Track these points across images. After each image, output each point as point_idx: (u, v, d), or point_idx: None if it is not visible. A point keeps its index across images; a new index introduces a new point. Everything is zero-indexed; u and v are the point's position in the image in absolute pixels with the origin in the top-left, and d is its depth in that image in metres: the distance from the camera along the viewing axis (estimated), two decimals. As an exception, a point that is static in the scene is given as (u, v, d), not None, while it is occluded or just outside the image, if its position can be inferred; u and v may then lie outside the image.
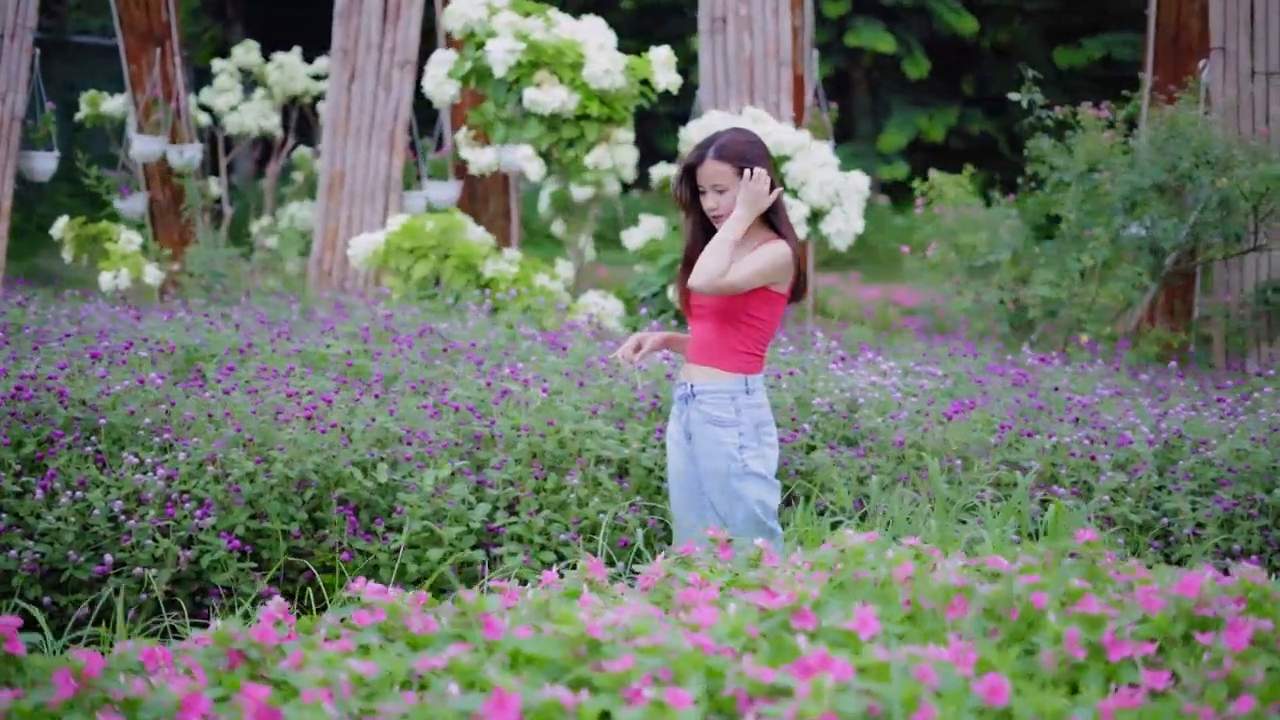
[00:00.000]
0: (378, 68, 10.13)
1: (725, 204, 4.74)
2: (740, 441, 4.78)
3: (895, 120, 22.70)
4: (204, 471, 5.40)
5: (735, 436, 4.78)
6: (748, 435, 4.79)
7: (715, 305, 4.77)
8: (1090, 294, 8.32)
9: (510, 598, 3.98)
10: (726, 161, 4.72)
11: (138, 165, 12.16)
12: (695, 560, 4.25)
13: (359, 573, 5.41)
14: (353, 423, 5.67)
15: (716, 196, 4.74)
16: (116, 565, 5.21)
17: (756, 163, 4.74)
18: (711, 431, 4.79)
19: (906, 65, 22.32)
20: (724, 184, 4.73)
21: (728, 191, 4.73)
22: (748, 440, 4.79)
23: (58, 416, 5.58)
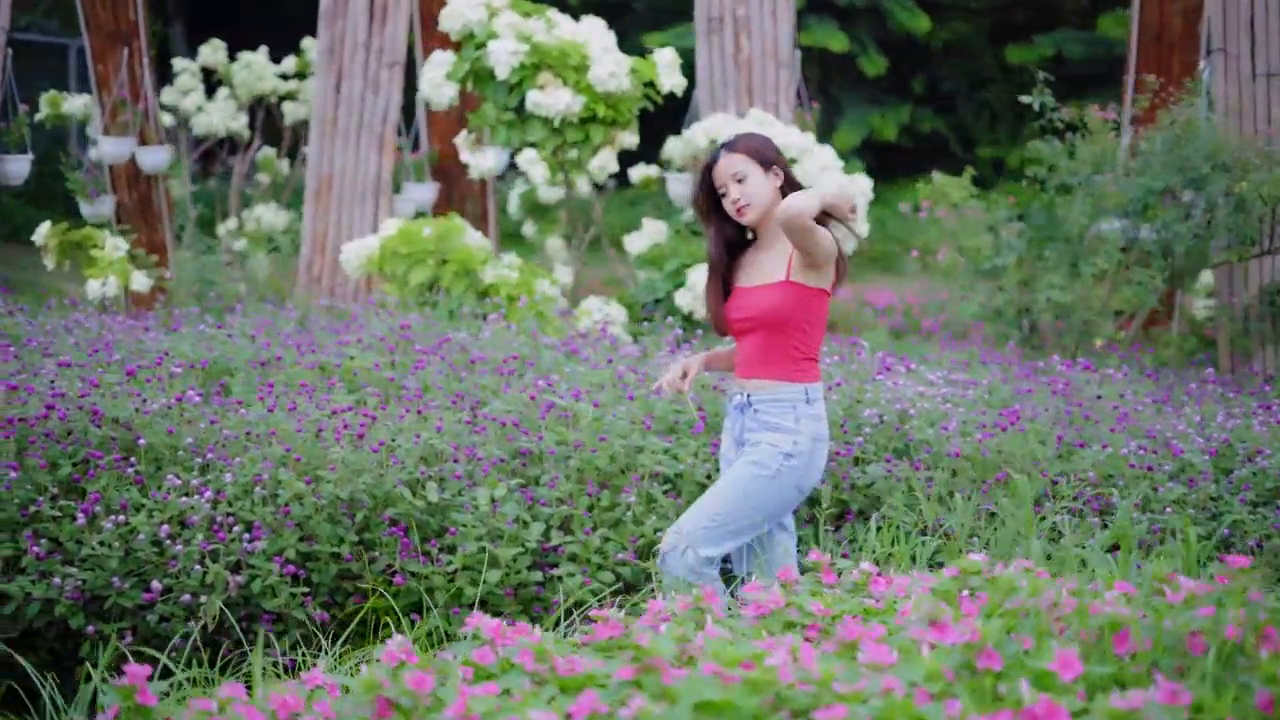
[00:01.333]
0: (365, 69, 9.91)
1: (749, 192, 4.65)
2: (792, 450, 4.62)
3: (848, 119, 22.67)
4: (250, 493, 5.20)
5: (790, 444, 4.62)
6: (803, 446, 4.63)
7: (759, 317, 4.65)
8: (1102, 298, 8.27)
9: (613, 628, 3.83)
10: (740, 153, 4.68)
11: (103, 167, 11.86)
12: (795, 587, 4.12)
13: (413, 596, 5.24)
14: (398, 440, 5.49)
15: (738, 187, 4.65)
16: (163, 592, 5.00)
17: (771, 158, 4.70)
18: (766, 436, 4.64)
19: (862, 63, 22.30)
20: (743, 172, 4.66)
21: (749, 178, 4.65)
22: (800, 451, 4.62)
23: (93, 436, 5.36)
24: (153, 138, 11.92)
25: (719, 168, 4.70)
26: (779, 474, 4.62)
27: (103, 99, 11.82)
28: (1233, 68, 9.13)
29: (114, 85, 11.79)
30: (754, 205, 4.67)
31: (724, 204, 4.71)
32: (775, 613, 3.74)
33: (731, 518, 4.62)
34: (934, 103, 23.77)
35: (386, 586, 5.26)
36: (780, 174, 4.73)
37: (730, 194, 4.68)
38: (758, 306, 4.65)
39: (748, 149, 4.71)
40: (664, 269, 8.90)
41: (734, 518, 4.62)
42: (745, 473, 4.63)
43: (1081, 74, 22.42)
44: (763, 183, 4.68)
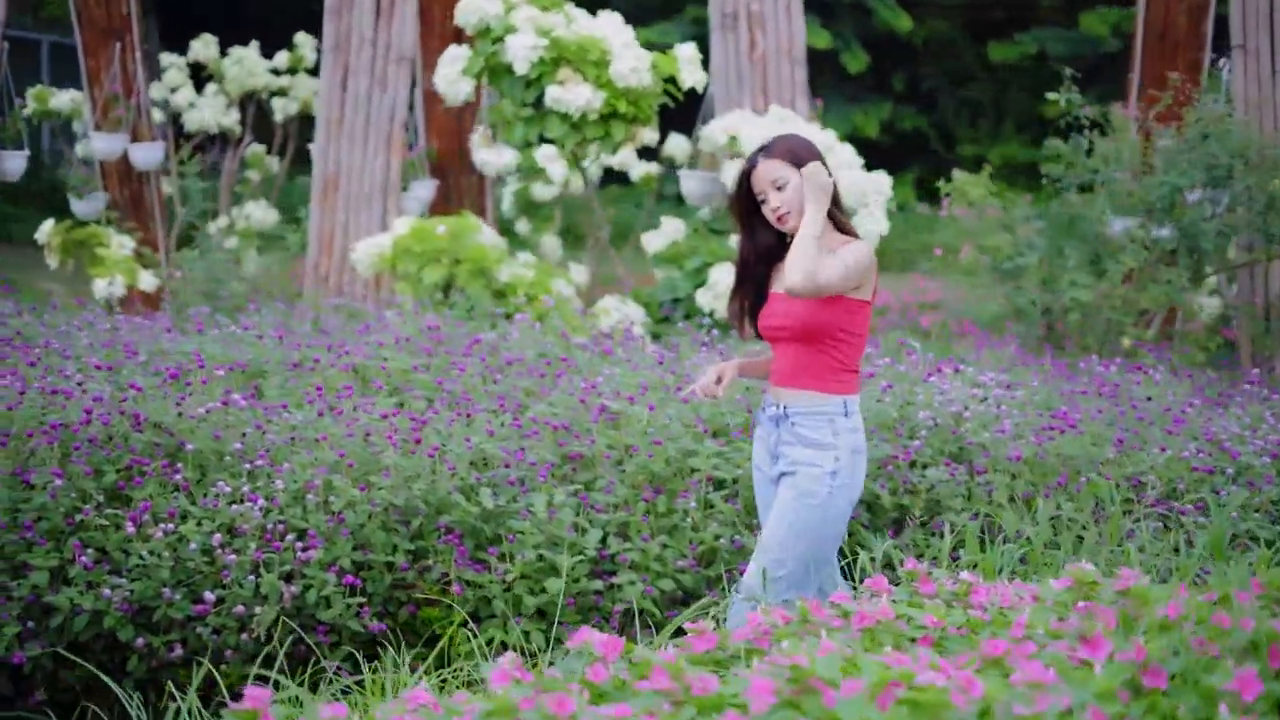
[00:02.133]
0: (371, 65, 9.73)
1: (789, 199, 4.45)
2: (834, 467, 4.42)
3: (831, 116, 22.58)
4: (301, 500, 5.04)
5: (831, 461, 4.42)
6: (844, 461, 4.43)
7: (797, 327, 4.45)
8: (1130, 297, 8.18)
9: (708, 641, 3.71)
10: (778, 158, 4.48)
11: (94, 164, 11.66)
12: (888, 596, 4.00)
13: (469, 606, 5.09)
14: (449, 445, 5.34)
15: (778, 194, 4.46)
16: (215, 603, 4.84)
17: (806, 156, 4.48)
18: (803, 453, 4.44)
19: (845, 59, 22.24)
20: (783, 178, 4.45)
21: (788, 186, 4.45)
22: (842, 467, 4.43)
23: (136, 442, 5.20)
24: (145, 134, 11.73)
25: (758, 173, 4.51)
26: (830, 497, 4.43)
27: (94, 94, 11.62)
28: (1252, 65, 9.06)
29: (105, 81, 11.59)
30: (795, 212, 4.47)
31: (763, 210, 4.53)
32: (883, 625, 3.62)
33: (796, 558, 4.43)
34: (915, 100, 23.73)
35: (441, 596, 5.12)
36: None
37: (770, 201, 4.49)
38: (795, 316, 4.46)
39: (786, 153, 4.50)
40: (685, 267, 8.76)
41: (799, 557, 4.44)
42: (794, 507, 4.43)
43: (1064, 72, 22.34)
44: (800, 187, 4.47)
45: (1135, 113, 11.31)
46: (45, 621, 4.83)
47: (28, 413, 5.21)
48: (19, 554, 4.88)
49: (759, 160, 4.52)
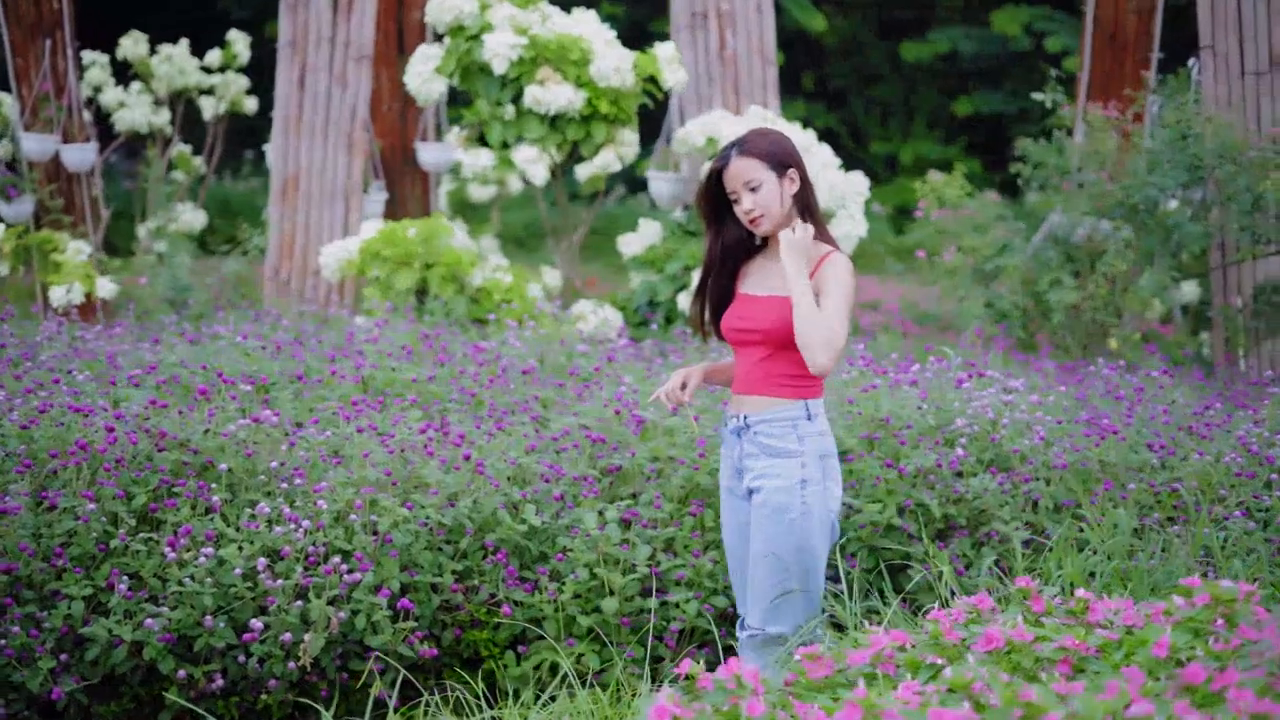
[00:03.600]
0: (330, 63, 9.45)
1: (764, 201, 4.22)
2: (803, 475, 4.23)
3: (746, 115, 22.52)
4: (343, 521, 4.82)
5: (798, 469, 4.23)
6: (811, 468, 4.23)
7: (768, 331, 4.24)
8: (1114, 298, 8.16)
9: (824, 666, 3.57)
10: (754, 157, 4.25)
11: (21, 165, 11.23)
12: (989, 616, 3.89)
13: (515, 627, 4.90)
14: (488, 459, 5.14)
15: (751, 195, 4.23)
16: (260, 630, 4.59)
17: (786, 160, 4.27)
18: (769, 464, 4.24)
19: (762, 59, 22.13)
20: (757, 179, 4.22)
21: (763, 187, 4.22)
22: (811, 475, 4.24)
23: (164, 461, 4.93)
24: (77, 134, 11.32)
25: (730, 171, 4.27)
26: (806, 508, 4.23)
27: (22, 94, 11.19)
28: (1221, 66, 9.08)
29: (35, 79, 11.17)
30: (768, 216, 4.25)
31: (735, 209, 4.30)
32: (1019, 647, 3.50)
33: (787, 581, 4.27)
34: (825, 99, 23.77)
35: (488, 617, 4.92)
36: (796, 177, 4.31)
37: (743, 203, 4.26)
38: (767, 320, 4.25)
39: (761, 151, 4.26)
40: (664, 270, 8.59)
41: (799, 580, 4.28)
42: (772, 533, 4.24)
43: (975, 70, 22.61)
44: (777, 189, 4.26)
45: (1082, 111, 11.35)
46: (78, 653, 4.57)
47: (48, 432, 4.93)
48: (48, 582, 4.62)
49: (732, 157, 4.28)
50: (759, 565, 4.30)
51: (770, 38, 9.39)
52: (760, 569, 4.30)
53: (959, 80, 23.03)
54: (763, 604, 4.33)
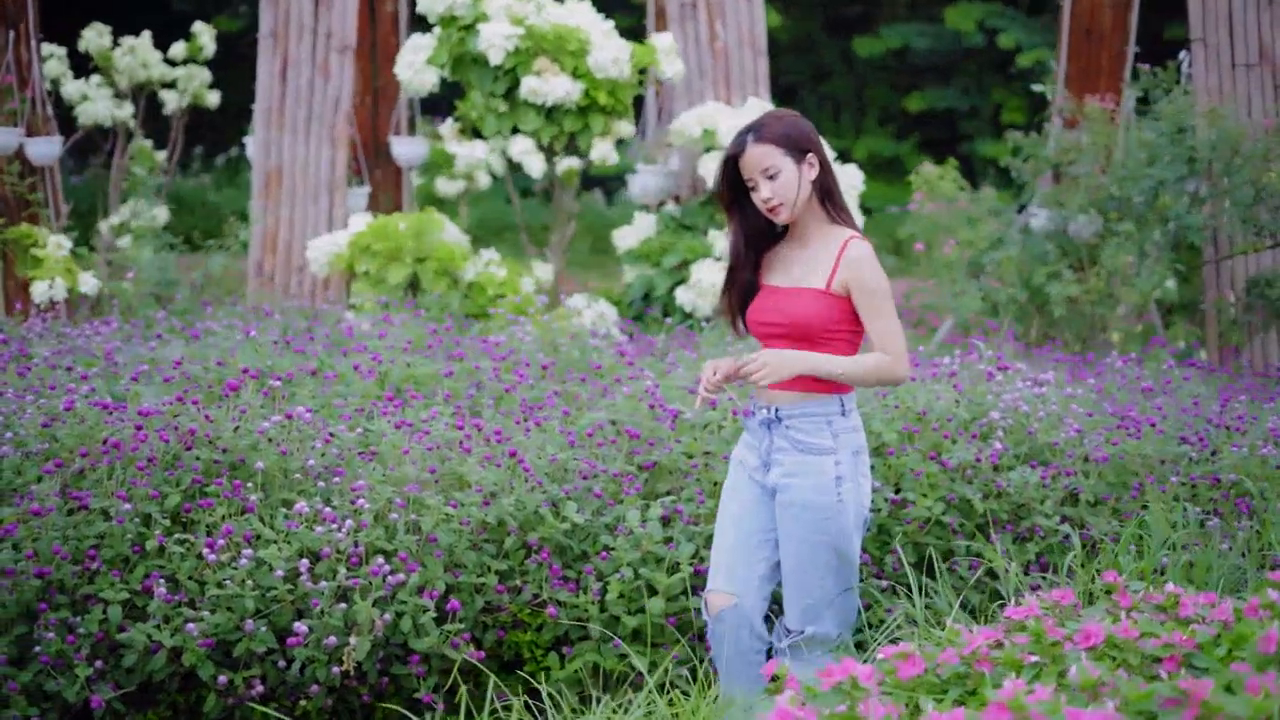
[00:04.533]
0: (313, 54, 9.26)
1: (782, 189, 4.07)
2: (837, 473, 4.13)
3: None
4: (383, 519, 4.67)
5: (832, 466, 4.12)
6: (846, 465, 4.14)
7: (792, 324, 4.12)
8: (1114, 292, 8.12)
9: (915, 665, 3.48)
10: (771, 143, 4.08)
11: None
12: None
13: (561, 628, 4.77)
14: (526, 456, 5.01)
15: (769, 183, 4.08)
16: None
17: (804, 144, 4.11)
18: (804, 461, 4.14)
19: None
20: (775, 166, 4.06)
21: (781, 174, 4.06)
22: (845, 471, 4.14)
23: (196, 460, 4.77)
24: (41, 128, 11.05)
25: (747, 159, 4.11)
26: (840, 506, 4.13)
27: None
28: (1213, 58, 9.09)
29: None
30: (788, 204, 4.11)
31: (753, 198, 4.16)
32: (1122, 644, 3.41)
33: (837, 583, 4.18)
34: (778, 95, 23.68)
35: (531, 618, 4.79)
36: (815, 162, 4.14)
37: (761, 191, 4.11)
38: (790, 312, 4.14)
39: (777, 136, 4.09)
40: (661, 264, 8.46)
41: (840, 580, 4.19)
42: (805, 533, 4.14)
43: (929, 65, 22.64)
44: (796, 176, 4.09)
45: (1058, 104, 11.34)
46: (113, 660, 4.40)
47: (74, 431, 4.75)
48: (81, 587, 4.44)
49: (748, 144, 4.11)
50: (797, 567, 4.19)
51: (761, 29, 9.29)
52: (798, 570, 4.20)
53: (910, 76, 23.07)
54: (802, 605, 4.23)
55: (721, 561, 4.30)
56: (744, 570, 4.26)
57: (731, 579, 4.26)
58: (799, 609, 4.25)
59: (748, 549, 4.26)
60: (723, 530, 4.32)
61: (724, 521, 4.33)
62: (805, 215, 4.18)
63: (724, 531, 4.32)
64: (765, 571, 4.27)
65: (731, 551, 4.28)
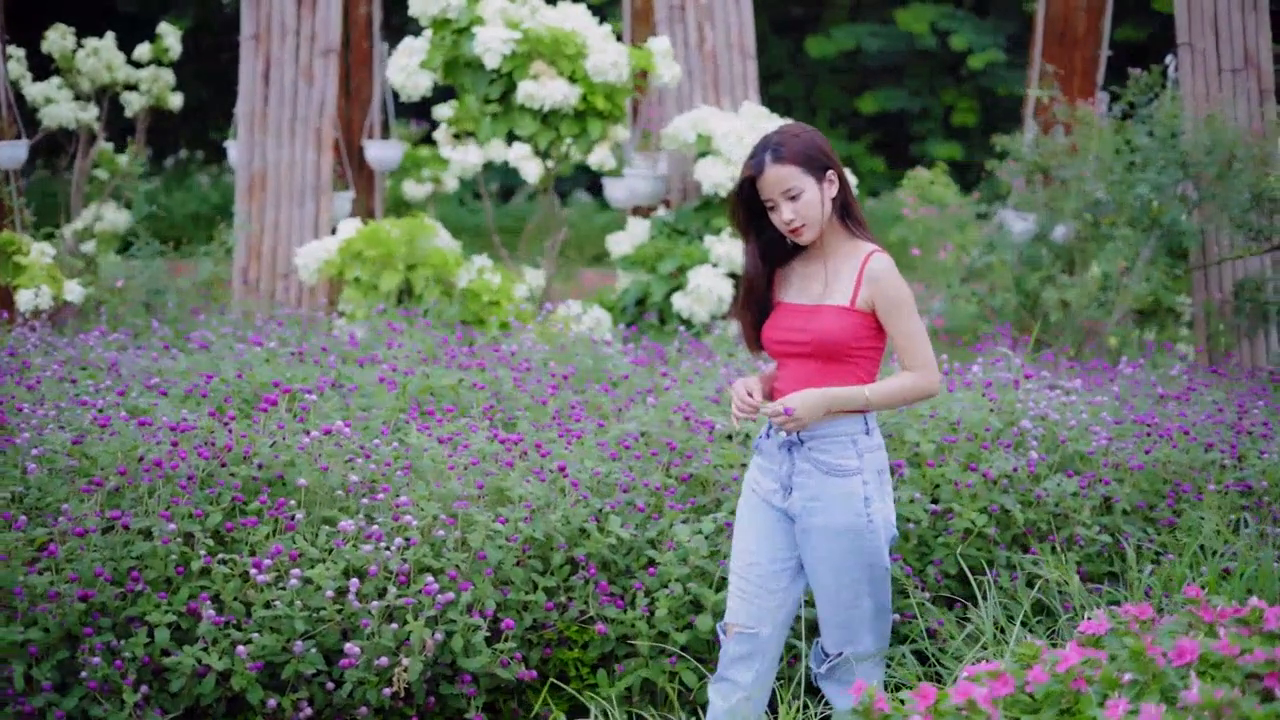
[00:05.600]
0: (296, 56, 9.11)
1: (804, 210, 3.96)
2: (865, 493, 4.02)
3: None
4: (429, 536, 4.57)
5: (860, 486, 4.02)
6: (872, 485, 4.04)
7: (815, 342, 4.01)
8: (1110, 296, 8.12)
9: (1005, 684, 3.43)
10: (791, 163, 3.96)
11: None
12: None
13: (608, 645, 4.69)
14: (568, 469, 4.92)
15: (790, 204, 3.97)
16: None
17: (820, 158, 4.01)
18: (830, 484, 4.02)
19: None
20: (797, 187, 3.95)
21: (803, 195, 3.95)
22: (872, 491, 4.04)
23: (234, 477, 4.65)
24: (8, 131, 10.84)
25: (765, 180, 3.99)
26: (871, 527, 4.03)
27: (-56, 88, 10.70)
28: (1199, 63, 9.11)
29: (-39, 74, 10.68)
30: (811, 225, 4.00)
31: (772, 217, 4.05)
32: (1220, 661, 3.38)
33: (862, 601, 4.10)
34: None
35: (578, 635, 4.71)
36: (835, 179, 4.04)
37: (783, 213, 4.00)
38: (813, 330, 4.02)
39: (797, 155, 3.98)
40: (657, 270, 8.38)
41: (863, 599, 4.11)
42: (838, 553, 4.04)
43: (880, 66, 22.68)
44: (818, 195, 3.99)
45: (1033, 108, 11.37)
46: (156, 684, 4.28)
47: (110, 447, 4.62)
48: (124, 609, 4.32)
49: (767, 164, 3.99)
50: (833, 592, 4.10)
51: (750, 32, 9.23)
52: (834, 595, 4.11)
53: (862, 77, 23.10)
54: (839, 628, 4.16)
55: (740, 590, 4.19)
56: (763, 599, 4.15)
57: (751, 609, 4.16)
58: (836, 632, 4.18)
59: (766, 577, 4.15)
60: (739, 558, 4.20)
61: (738, 548, 4.21)
62: (824, 231, 4.08)
63: (739, 557, 4.20)
64: (785, 600, 4.17)
65: (749, 580, 4.17)
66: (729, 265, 8.26)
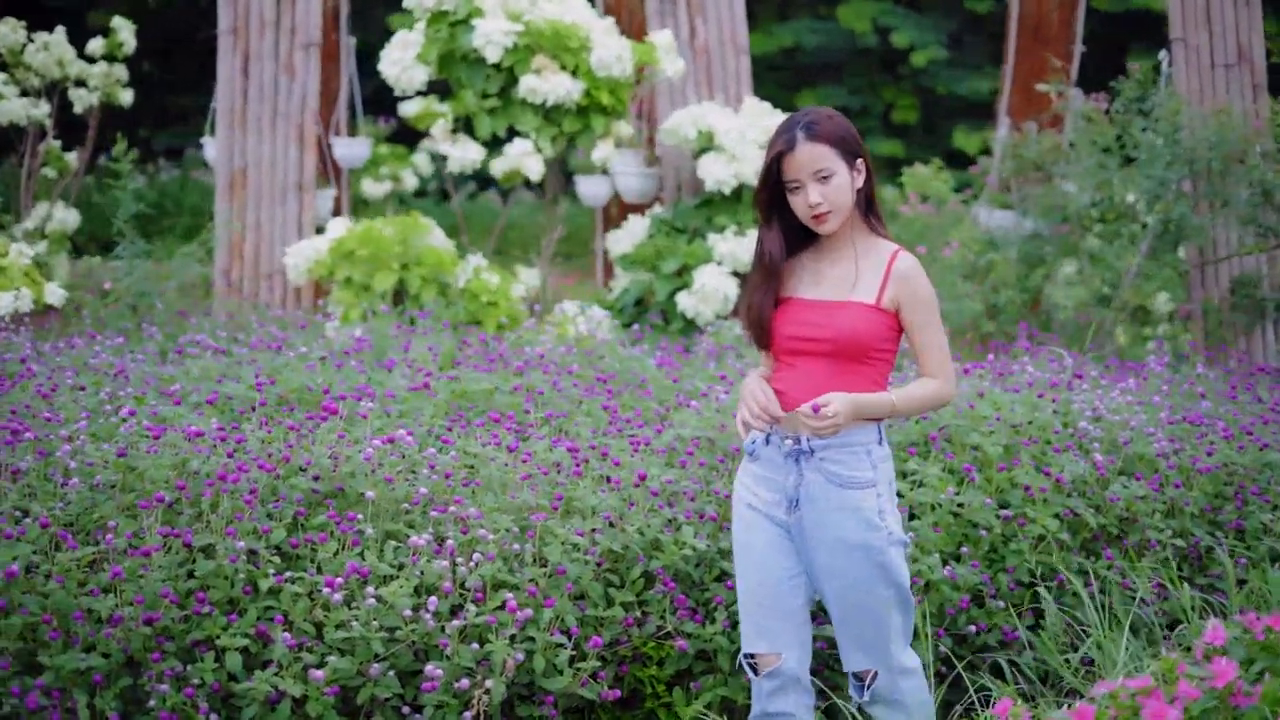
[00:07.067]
0: (276, 50, 8.81)
1: (833, 194, 3.72)
2: (879, 505, 3.80)
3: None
4: (505, 550, 4.35)
5: (874, 499, 3.80)
6: (885, 497, 3.82)
7: (836, 340, 3.77)
8: (1121, 294, 8.03)
9: (1157, 700, 3.28)
10: (826, 142, 3.72)
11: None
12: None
13: (686, 661, 4.50)
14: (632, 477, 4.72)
15: (819, 187, 3.72)
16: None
17: (855, 145, 3.78)
18: (843, 496, 3.78)
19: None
20: (829, 168, 3.71)
21: (834, 178, 3.71)
22: (886, 504, 3.82)
23: (294, 491, 4.40)
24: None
25: (795, 157, 3.72)
26: (890, 540, 3.82)
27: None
28: (1193, 58, 9.07)
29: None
30: (838, 212, 3.77)
31: (793, 200, 3.80)
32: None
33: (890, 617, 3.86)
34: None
35: (656, 651, 4.50)
36: (863, 169, 3.83)
37: (809, 195, 3.73)
38: (834, 328, 3.78)
39: (832, 136, 3.73)
40: (660, 269, 8.18)
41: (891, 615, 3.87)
42: (860, 571, 3.80)
43: (820, 63, 22.60)
44: (849, 181, 3.76)
45: (1006, 105, 11.31)
46: (225, 711, 4.03)
47: (161, 460, 4.36)
48: (189, 632, 4.06)
49: (799, 140, 3.72)
50: (855, 610, 3.85)
51: (742, 26, 9.05)
52: (856, 613, 3.86)
53: (801, 74, 23.01)
54: (863, 646, 3.91)
55: (754, 618, 3.94)
56: (780, 623, 3.91)
57: (770, 637, 3.92)
58: (858, 654, 3.92)
59: (777, 598, 3.91)
60: (745, 580, 3.95)
61: (745, 570, 3.95)
62: (845, 224, 3.86)
63: (746, 581, 3.94)
64: (802, 619, 3.95)
65: (761, 605, 3.93)
66: (733, 263, 8.07)
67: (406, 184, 12.69)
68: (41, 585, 4.00)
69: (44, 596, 3.98)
